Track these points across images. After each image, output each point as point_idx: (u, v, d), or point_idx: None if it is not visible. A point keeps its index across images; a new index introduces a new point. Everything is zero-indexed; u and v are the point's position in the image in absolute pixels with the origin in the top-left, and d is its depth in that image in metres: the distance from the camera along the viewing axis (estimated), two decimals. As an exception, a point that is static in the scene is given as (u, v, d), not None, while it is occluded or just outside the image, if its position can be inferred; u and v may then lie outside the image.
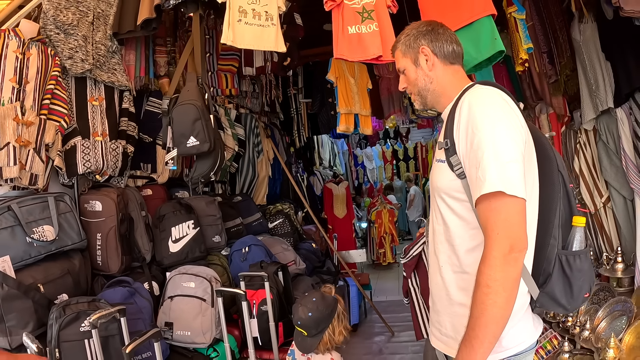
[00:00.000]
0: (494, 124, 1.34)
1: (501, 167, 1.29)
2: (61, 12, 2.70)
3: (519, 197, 1.28)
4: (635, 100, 2.99)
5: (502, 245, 1.27)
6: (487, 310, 1.27)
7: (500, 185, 1.28)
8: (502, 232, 1.28)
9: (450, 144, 1.43)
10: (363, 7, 2.35)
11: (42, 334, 2.22)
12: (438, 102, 1.61)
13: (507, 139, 1.32)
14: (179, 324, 2.70)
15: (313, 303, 2.24)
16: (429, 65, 1.58)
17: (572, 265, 1.39)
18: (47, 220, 2.46)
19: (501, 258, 1.26)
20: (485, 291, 1.27)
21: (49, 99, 2.61)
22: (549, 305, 1.45)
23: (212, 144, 2.51)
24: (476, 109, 1.37)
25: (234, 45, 2.38)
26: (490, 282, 1.26)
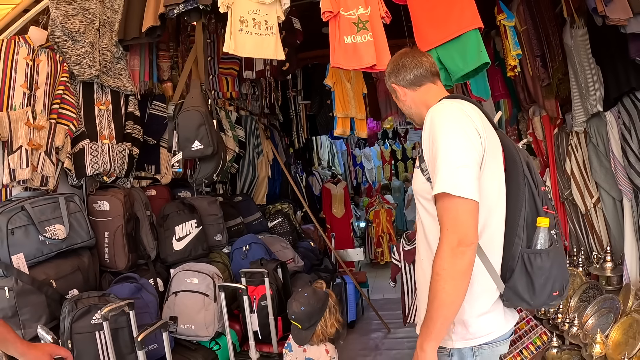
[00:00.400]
0: (447, 134, 1.50)
1: (450, 171, 1.45)
2: (69, 20, 2.79)
3: (465, 197, 1.43)
4: (623, 104, 3.07)
5: (451, 240, 1.43)
6: (438, 295, 1.44)
7: (447, 187, 1.44)
8: (451, 228, 1.44)
9: (421, 152, 1.61)
10: (358, 18, 2.46)
11: (54, 327, 2.32)
12: (422, 119, 1.77)
13: (457, 147, 1.48)
14: (183, 318, 2.82)
15: (305, 298, 2.39)
16: (401, 95, 1.82)
17: (533, 263, 1.51)
18: (59, 219, 2.56)
19: (449, 251, 1.42)
20: (436, 278, 1.44)
21: (58, 103, 2.70)
22: (514, 300, 1.57)
23: (215, 148, 2.63)
24: (434, 122, 1.54)
25: (236, 54, 2.49)
26: (440, 271, 1.43)
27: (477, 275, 1.53)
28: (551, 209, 1.59)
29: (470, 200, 1.44)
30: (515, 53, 2.98)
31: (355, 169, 10.17)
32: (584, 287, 3.25)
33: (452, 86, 2.73)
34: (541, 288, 1.53)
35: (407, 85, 1.79)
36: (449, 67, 2.54)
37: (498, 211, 1.58)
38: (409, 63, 1.79)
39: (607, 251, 3.32)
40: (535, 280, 1.52)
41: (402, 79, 1.79)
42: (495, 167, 1.59)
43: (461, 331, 1.57)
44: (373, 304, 5.21)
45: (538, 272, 1.52)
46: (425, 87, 1.78)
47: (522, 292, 1.54)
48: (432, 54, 2.57)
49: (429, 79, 1.78)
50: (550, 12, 3.60)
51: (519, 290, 1.54)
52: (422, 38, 2.59)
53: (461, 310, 1.52)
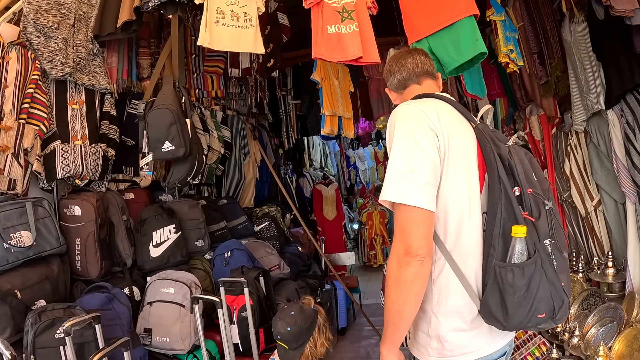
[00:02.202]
0: (397, 139, 1.46)
1: (394, 178, 1.41)
2: (42, 15, 2.67)
3: (409, 205, 1.37)
4: (626, 101, 2.95)
5: (397, 249, 1.40)
6: (385, 301, 1.45)
7: (389, 195, 1.41)
8: (398, 237, 1.41)
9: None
10: (343, 7, 2.30)
11: (19, 340, 2.20)
12: None
13: (404, 152, 1.42)
14: (157, 330, 2.67)
15: (292, 317, 2.21)
16: (393, 100, 1.86)
17: (504, 279, 1.34)
18: (25, 225, 2.43)
19: (395, 259, 1.40)
20: (388, 283, 1.43)
21: (29, 102, 2.58)
22: (487, 317, 1.42)
23: (187, 149, 2.47)
24: (389, 126, 1.53)
25: (211, 48, 2.34)
26: (390, 273, 1.42)
27: (452, 288, 1.46)
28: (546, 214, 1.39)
29: (415, 208, 1.37)
30: (507, 49, 2.81)
31: (349, 170, 10.07)
32: (584, 295, 3.11)
33: (446, 80, 2.56)
34: (515, 308, 1.34)
35: (395, 89, 1.82)
36: (442, 58, 2.38)
37: (473, 219, 1.45)
38: (394, 67, 1.79)
39: (608, 256, 3.19)
40: (507, 299, 1.34)
41: (390, 83, 1.82)
42: (465, 170, 1.47)
43: (437, 346, 1.50)
44: (365, 309, 5.07)
45: (509, 289, 1.34)
46: (409, 89, 1.76)
47: (495, 311, 1.37)
48: (423, 45, 2.41)
49: (412, 80, 1.76)
50: (548, 7, 3.50)
51: (492, 308, 1.38)
52: (412, 27, 2.43)
53: (435, 323, 1.48)
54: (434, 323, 1.48)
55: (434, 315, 1.49)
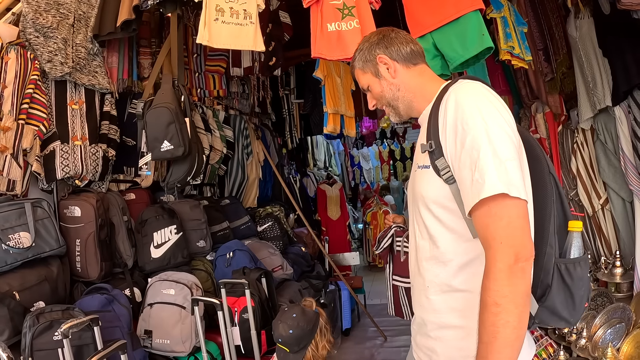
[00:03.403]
0: (488, 120, 1.21)
1: (500, 166, 1.17)
2: (41, 15, 2.66)
3: (521, 198, 1.16)
4: (634, 98, 2.90)
5: (507, 256, 1.14)
6: (500, 332, 1.12)
7: (503, 186, 1.15)
8: (506, 241, 1.15)
9: (436, 145, 1.30)
10: (343, 4, 2.27)
11: (18, 342, 2.18)
12: (411, 108, 1.49)
13: (503, 136, 1.20)
14: (158, 332, 2.64)
15: (293, 319, 2.16)
16: (390, 72, 1.48)
17: (573, 274, 1.26)
18: (24, 226, 2.41)
19: (507, 270, 1.13)
20: (494, 311, 1.13)
21: (28, 103, 2.57)
22: (550, 320, 1.31)
23: (186, 149, 2.45)
24: (465, 105, 1.25)
25: (210, 45, 2.31)
26: (498, 300, 1.12)
27: None
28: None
29: (524, 201, 1.17)
30: (507, 46, 2.75)
31: (353, 169, 10.01)
32: (591, 295, 3.05)
33: (450, 76, 2.51)
34: (580, 301, 1.28)
35: (402, 60, 1.47)
36: (447, 53, 2.30)
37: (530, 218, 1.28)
38: (402, 36, 1.50)
39: (616, 256, 3.14)
40: (576, 294, 1.27)
41: (396, 50, 1.47)
42: (525, 163, 1.31)
43: None
44: (370, 309, 5.03)
45: (579, 283, 1.27)
46: (420, 68, 1.49)
47: (561, 310, 1.28)
48: (427, 40, 2.35)
49: (422, 60, 1.51)
50: (553, 3, 3.46)
51: (557, 307, 1.27)
52: (415, 22, 2.36)
53: None
54: None
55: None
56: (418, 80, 1.47)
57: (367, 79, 1.53)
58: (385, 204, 7.86)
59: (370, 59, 1.50)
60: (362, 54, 1.52)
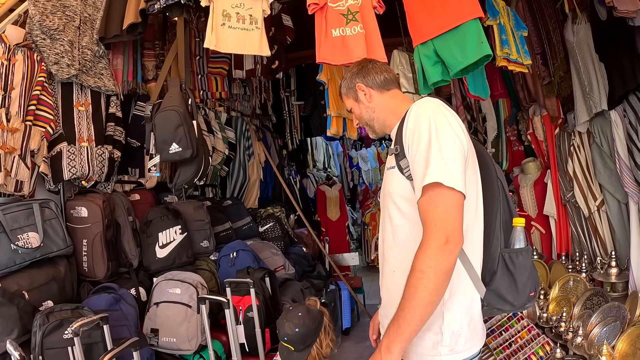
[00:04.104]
0: (437, 126, 1.44)
1: (442, 162, 1.38)
2: (47, 17, 2.68)
3: (456, 189, 1.36)
4: (629, 102, 2.94)
5: (439, 236, 1.34)
6: (418, 293, 1.34)
7: (439, 177, 1.36)
8: (439, 224, 1.35)
9: (400, 149, 1.52)
10: (348, 9, 2.31)
11: (27, 341, 2.20)
12: (385, 126, 1.75)
13: (449, 140, 1.42)
14: (164, 330, 2.68)
15: (299, 318, 2.19)
16: (367, 97, 1.74)
17: (515, 262, 1.49)
18: (32, 227, 2.45)
19: (436, 247, 1.33)
20: (418, 276, 1.34)
21: (35, 104, 2.59)
22: (496, 303, 1.52)
23: (194, 151, 2.49)
24: (421, 116, 1.47)
25: (217, 50, 2.36)
26: (424, 268, 1.34)
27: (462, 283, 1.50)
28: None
29: (459, 193, 1.38)
30: (502, 52, 2.81)
31: (352, 170, 10.04)
32: (587, 294, 3.11)
33: (449, 82, 2.57)
34: (523, 287, 1.52)
35: (376, 87, 1.74)
36: (447, 60, 2.38)
37: (479, 214, 1.55)
38: (378, 66, 1.78)
39: (611, 256, 3.19)
40: (518, 280, 1.50)
41: (371, 80, 1.74)
42: (475, 168, 1.55)
43: (449, 342, 1.49)
44: (369, 309, 5.08)
45: (521, 270, 1.50)
46: (393, 92, 1.76)
47: (506, 294, 1.51)
48: (428, 47, 2.41)
49: (395, 85, 1.77)
50: (551, 8, 3.50)
51: (502, 291, 1.50)
52: (417, 29, 2.43)
53: (449, 318, 1.47)
54: (447, 318, 1.47)
55: (447, 310, 1.49)
56: (390, 102, 1.73)
57: (350, 103, 1.81)
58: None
59: (351, 87, 1.78)
60: (346, 82, 1.80)
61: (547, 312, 3.22)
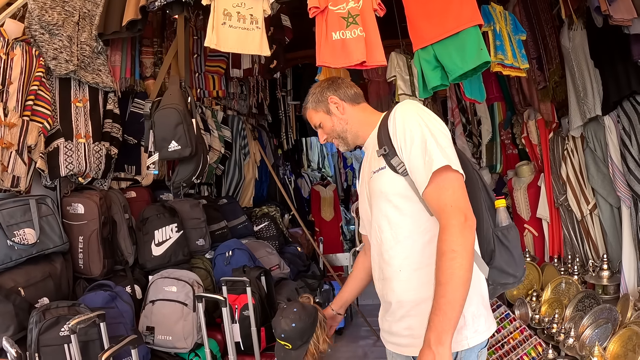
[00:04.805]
0: (427, 122, 1.51)
1: (443, 150, 1.45)
2: (46, 12, 2.67)
3: (459, 172, 1.45)
4: (623, 108, 2.99)
5: (458, 215, 1.39)
6: (455, 273, 1.35)
7: (446, 160, 1.43)
8: (455, 204, 1.41)
9: (389, 149, 1.55)
10: (348, 12, 2.32)
11: (23, 338, 2.20)
12: (357, 137, 1.79)
13: (438, 131, 1.50)
14: (160, 328, 2.68)
15: (295, 313, 2.18)
16: (340, 110, 1.78)
17: (508, 237, 1.58)
18: (29, 223, 2.44)
19: (459, 226, 1.38)
20: (451, 256, 1.36)
21: (33, 100, 2.58)
22: (500, 278, 1.59)
23: (193, 149, 2.49)
24: (408, 115, 1.54)
25: (218, 49, 2.36)
26: (455, 247, 1.36)
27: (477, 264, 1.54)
28: None
29: (461, 175, 1.46)
30: (496, 58, 2.85)
31: (346, 171, 10.04)
32: (579, 297, 3.15)
33: (448, 86, 2.60)
34: (519, 258, 1.61)
35: (348, 99, 1.78)
36: (446, 65, 2.41)
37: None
38: (347, 82, 1.83)
39: (603, 259, 3.25)
40: (514, 252, 1.59)
41: (343, 92, 1.78)
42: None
43: (472, 325, 1.50)
44: (362, 309, 5.09)
45: (514, 242, 1.60)
46: (363, 106, 1.81)
47: (507, 267, 1.58)
48: (428, 52, 2.44)
49: (363, 100, 1.83)
50: (548, 13, 3.54)
51: (504, 266, 1.57)
52: (417, 34, 2.45)
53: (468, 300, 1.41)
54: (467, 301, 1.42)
55: None
56: (362, 114, 1.78)
57: (319, 117, 1.82)
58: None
59: (322, 100, 1.80)
60: (315, 96, 1.82)
61: (539, 314, 3.26)
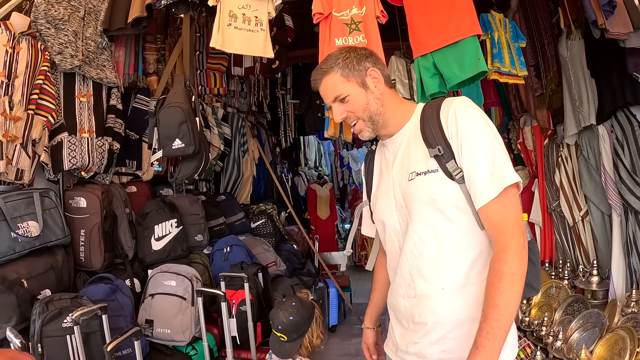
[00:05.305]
0: (491, 127, 1.38)
1: (509, 162, 1.34)
2: (52, 7, 2.69)
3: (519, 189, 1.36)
4: (617, 118, 3.04)
5: (519, 236, 1.31)
6: (514, 297, 1.28)
7: (515, 177, 1.32)
8: (516, 224, 1.32)
9: (444, 149, 1.38)
10: (351, 19, 2.38)
11: (24, 328, 2.23)
12: (387, 126, 1.53)
13: (501, 140, 1.38)
14: (159, 321, 2.73)
15: (293, 307, 2.26)
16: (379, 87, 1.51)
17: (534, 250, 1.45)
18: (32, 216, 2.46)
19: (520, 247, 1.30)
20: (512, 279, 1.28)
21: (37, 93, 2.60)
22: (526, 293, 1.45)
23: (196, 147, 2.54)
24: (474, 115, 1.38)
25: (223, 50, 2.40)
26: (516, 270, 1.28)
27: None
28: None
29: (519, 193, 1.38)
30: (493, 67, 2.91)
31: (342, 170, 10.08)
32: (569, 301, 3.22)
33: (446, 93, 2.65)
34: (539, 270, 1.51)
35: (385, 79, 1.53)
36: (445, 73, 2.47)
37: None
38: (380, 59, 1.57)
39: (593, 265, 3.30)
40: (538, 266, 1.49)
41: (382, 69, 1.53)
42: None
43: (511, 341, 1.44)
44: (355, 308, 5.15)
45: (537, 256, 1.50)
46: (394, 91, 1.59)
47: (533, 281, 1.47)
48: (427, 59, 2.50)
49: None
50: (547, 22, 3.58)
51: (532, 281, 1.46)
52: (418, 41, 2.51)
53: None
54: None
55: None
56: (396, 100, 1.55)
57: (348, 87, 1.49)
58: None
59: (359, 69, 1.49)
60: (348, 62, 1.50)
61: (529, 317, 3.33)
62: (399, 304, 1.55)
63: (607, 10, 2.38)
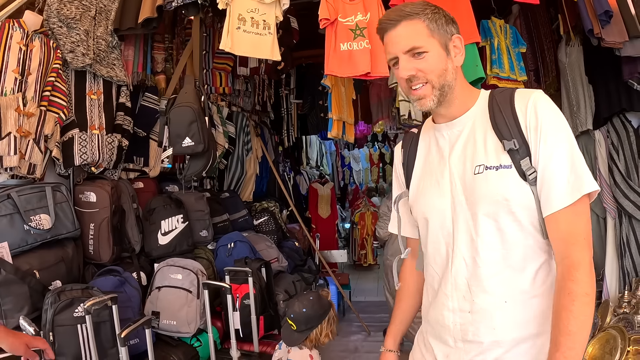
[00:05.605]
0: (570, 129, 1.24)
1: (587, 168, 1.20)
2: (65, 6, 2.76)
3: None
4: (612, 124, 3.12)
5: (589, 250, 1.18)
6: (588, 322, 1.13)
7: (595, 185, 1.19)
8: (587, 238, 1.19)
9: (520, 144, 1.23)
10: (356, 25, 2.46)
11: (35, 318, 2.29)
12: (451, 104, 1.34)
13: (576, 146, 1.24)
14: (165, 313, 2.80)
15: (309, 301, 2.37)
16: (457, 59, 1.33)
17: None
18: (44, 209, 2.53)
19: (590, 263, 1.17)
20: (585, 300, 1.13)
21: (50, 90, 2.67)
22: None
23: (205, 145, 2.62)
24: (556, 112, 1.24)
25: (232, 52, 2.48)
26: (588, 290, 1.14)
27: None
28: None
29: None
30: (492, 72, 2.99)
31: (343, 169, 10.13)
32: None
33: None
34: None
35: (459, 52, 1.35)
36: (443, 79, 2.55)
37: None
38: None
39: (587, 267, 3.34)
40: None
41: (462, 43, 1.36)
42: None
43: None
44: (354, 306, 5.23)
45: None
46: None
47: None
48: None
49: None
50: (547, 28, 3.64)
51: None
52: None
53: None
54: None
55: None
56: (464, 82, 1.38)
57: (431, 44, 1.28)
58: (374, 205, 8.05)
59: (447, 32, 1.31)
60: (438, 17, 1.31)
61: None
62: (446, 318, 1.35)
63: (604, 19, 2.46)
